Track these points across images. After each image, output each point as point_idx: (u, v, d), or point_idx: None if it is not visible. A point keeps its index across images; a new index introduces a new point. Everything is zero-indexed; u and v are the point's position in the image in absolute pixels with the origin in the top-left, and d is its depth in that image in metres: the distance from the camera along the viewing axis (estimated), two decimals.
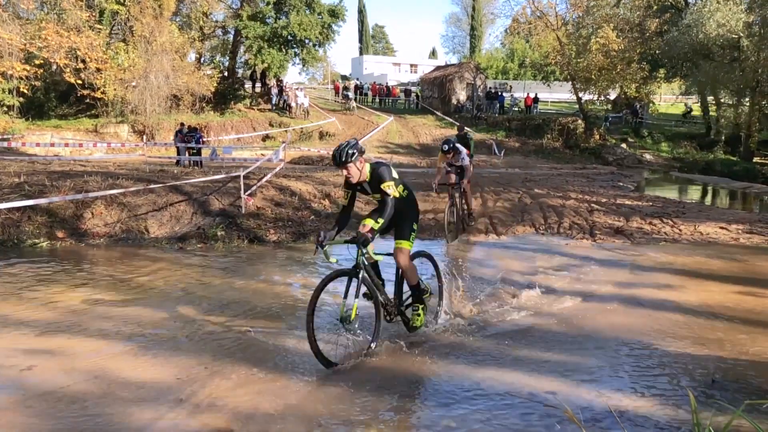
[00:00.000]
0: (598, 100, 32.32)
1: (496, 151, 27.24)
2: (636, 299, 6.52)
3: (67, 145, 21.14)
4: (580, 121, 31.73)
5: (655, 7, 29.28)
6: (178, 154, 20.06)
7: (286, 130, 27.64)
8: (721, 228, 10.66)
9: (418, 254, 5.49)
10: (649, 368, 4.68)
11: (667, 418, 3.83)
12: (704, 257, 8.65)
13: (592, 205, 13.27)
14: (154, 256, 8.37)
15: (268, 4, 30.20)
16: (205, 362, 4.53)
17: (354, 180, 4.80)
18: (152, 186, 10.55)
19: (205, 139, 23.15)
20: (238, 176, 10.90)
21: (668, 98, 39.60)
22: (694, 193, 19.99)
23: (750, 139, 28.32)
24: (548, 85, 38.35)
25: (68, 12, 22.83)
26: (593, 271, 7.77)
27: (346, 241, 4.71)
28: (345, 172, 4.75)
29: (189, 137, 20.36)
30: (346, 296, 4.54)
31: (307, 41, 31.05)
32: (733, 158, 29.02)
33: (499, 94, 37.31)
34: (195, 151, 19.91)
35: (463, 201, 10.08)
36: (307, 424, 3.72)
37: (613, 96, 34.35)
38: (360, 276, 4.66)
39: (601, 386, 4.29)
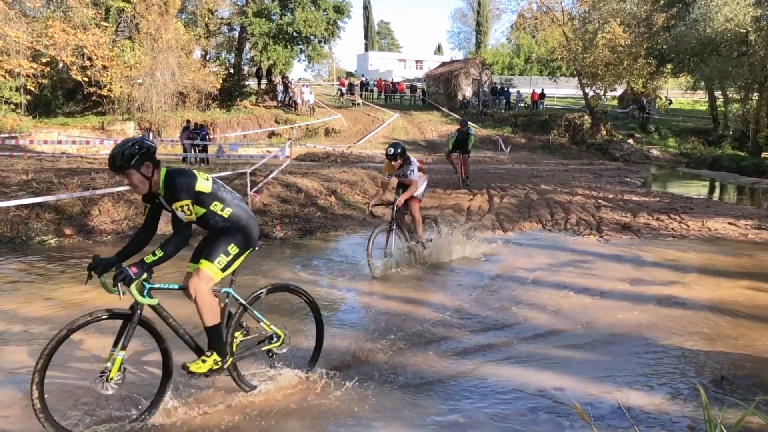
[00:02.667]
0: (604, 96, 32.16)
1: (503, 147, 27.19)
2: (644, 295, 6.49)
3: (74, 142, 21.21)
4: (586, 117, 31.61)
5: (662, 2, 29.09)
6: (185, 151, 20.11)
7: (291, 127, 27.65)
8: (730, 224, 10.61)
9: (285, 288, 4.37)
10: (658, 365, 4.66)
11: (676, 414, 3.82)
12: (712, 253, 8.61)
13: (599, 201, 13.22)
14: None
15: (273, 0, 30.22)
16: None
17: (141, 191, 3.59)
18: None
19: (211, 136, 23.22)
20: (245, 173, 10.91)
21: (674, 93, 39.37)
22: (701, 189, 19.88)
23: (758, 134, 28.14)
24: (554, 81, 38.20)
25: (74, 10, 22.89)
26: (600, 267, 7.74)
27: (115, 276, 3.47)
28: (126, 180, 3.55)
29: (195, 134, 20.41)
30: (115, 345, 3.52)
31: (312, 38, 31.08)
32: (741, 153, 28.86)
33: (505, 89, 37.21)
34: (201, 148, 19.96)
35: (412, 225, 7.79)
36: (308, 421, 3.73)
37: (619, 91, 34.17)
38: (134, 319, 3.53)
39: (609, 383, 4.27)
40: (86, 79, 23.17)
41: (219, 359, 3.77)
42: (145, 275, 3.55)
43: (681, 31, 26.55)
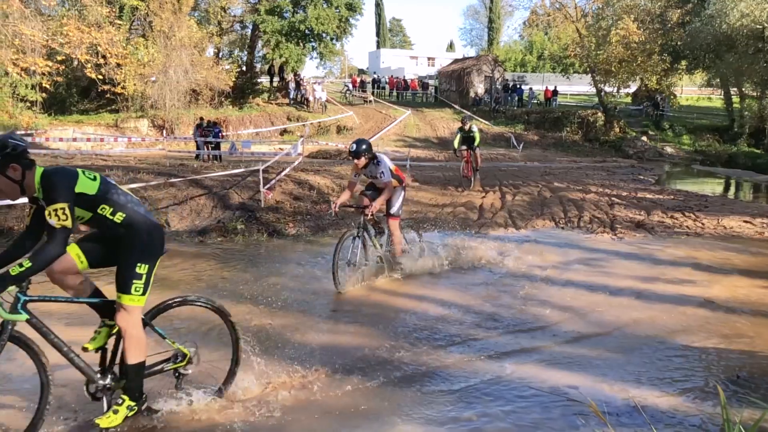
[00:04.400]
0: (617, 93, 31.90)
1: (515, 145, 27.10)
2: (658, 294, 6.44)
3: (89, 139, 21.42)
4: (599, 114, 31.41)
5: None
6: (198, 148, 20.23)
7: (303, 125, 27.71)
8: (745, 222, 10.49)
9: (187, 302, 3.85)
10: (673, 364, 4.62)
11: (692, 413, 3.79)
12: (728, 251, 8.51)
13: (613, 198, 13.13)
14: (175, 249, 8.41)
15: None
16: (226, 356, 4.51)
17: (10, 197, 3.18)
18: (172, 180, 10.64)
19: (224, 134, 23.34)
20: (257, 170, 10.95)
21: (689, 90, 38.99)
22: (716, 187, 19.68)
23: None
24: (567, 78, 37.97)
25: (89, 8, 23.10)
26: (614, 266, 7.68)
27: None
28: None
29: (208, 132, 20.54)
30: None
31: (324, 35, 31.12)
32: (756, 151, 28.51)
33: (518, 86, 37.06)
34: (214, 145, 20.08)
35: (390, 239, 6.98)
36: (322, 418, 3.74)
37: (633, 88, 33.88)
38: (3, 336, 3.13)
39: (624, 381, 4.25)
40: (100, 77, 23.38)
41: (133, 404, 3.41)
42: (12, 288, 3.08)
43: (696, 28, 26.26)
